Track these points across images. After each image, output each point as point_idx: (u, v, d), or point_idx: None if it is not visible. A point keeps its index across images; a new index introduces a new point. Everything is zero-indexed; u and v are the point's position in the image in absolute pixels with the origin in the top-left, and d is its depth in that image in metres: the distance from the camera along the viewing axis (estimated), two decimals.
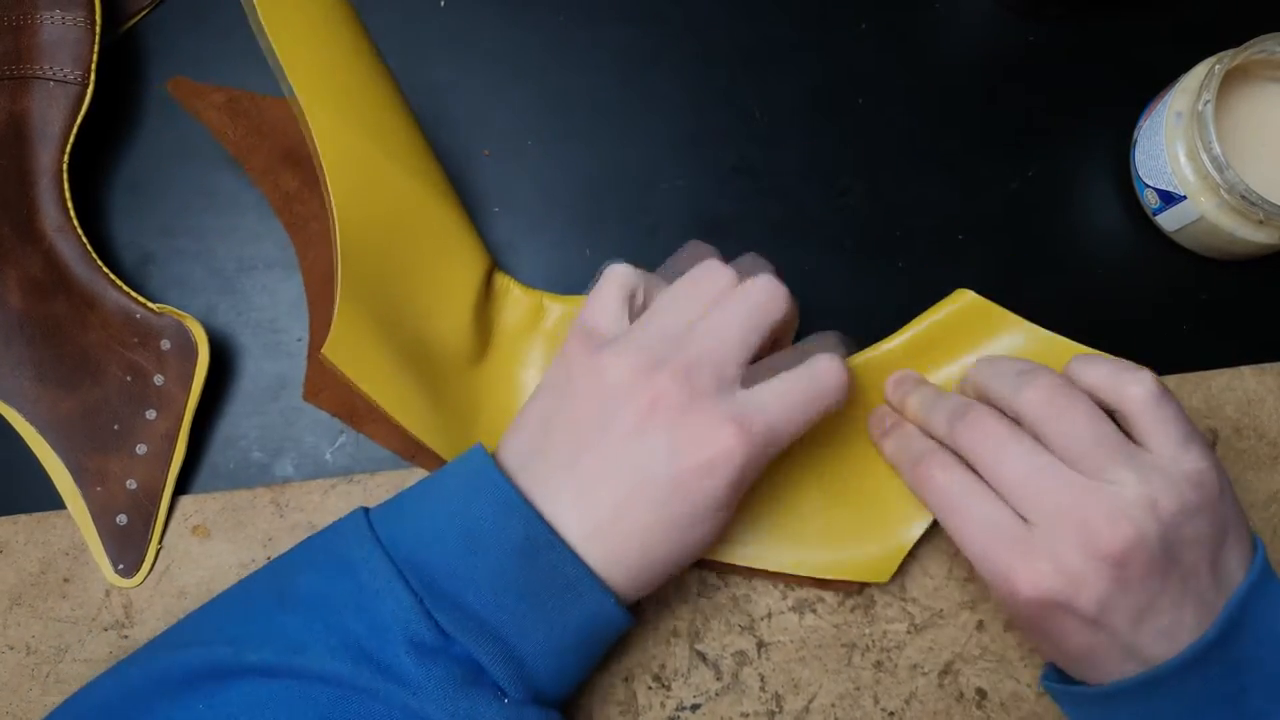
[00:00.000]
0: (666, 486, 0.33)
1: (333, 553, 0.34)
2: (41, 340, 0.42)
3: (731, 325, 0.35)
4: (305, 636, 0.32)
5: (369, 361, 0.37)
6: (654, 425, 0.33)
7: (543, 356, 0.43)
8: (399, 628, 0.32)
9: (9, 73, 0.42)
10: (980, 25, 0.48)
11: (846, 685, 0.42)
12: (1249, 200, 0.40)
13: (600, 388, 0.34)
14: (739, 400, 0.34)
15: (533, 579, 0.33)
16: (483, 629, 0.32)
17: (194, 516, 0.43)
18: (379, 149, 0.37)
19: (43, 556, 0.42)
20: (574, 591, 0.33)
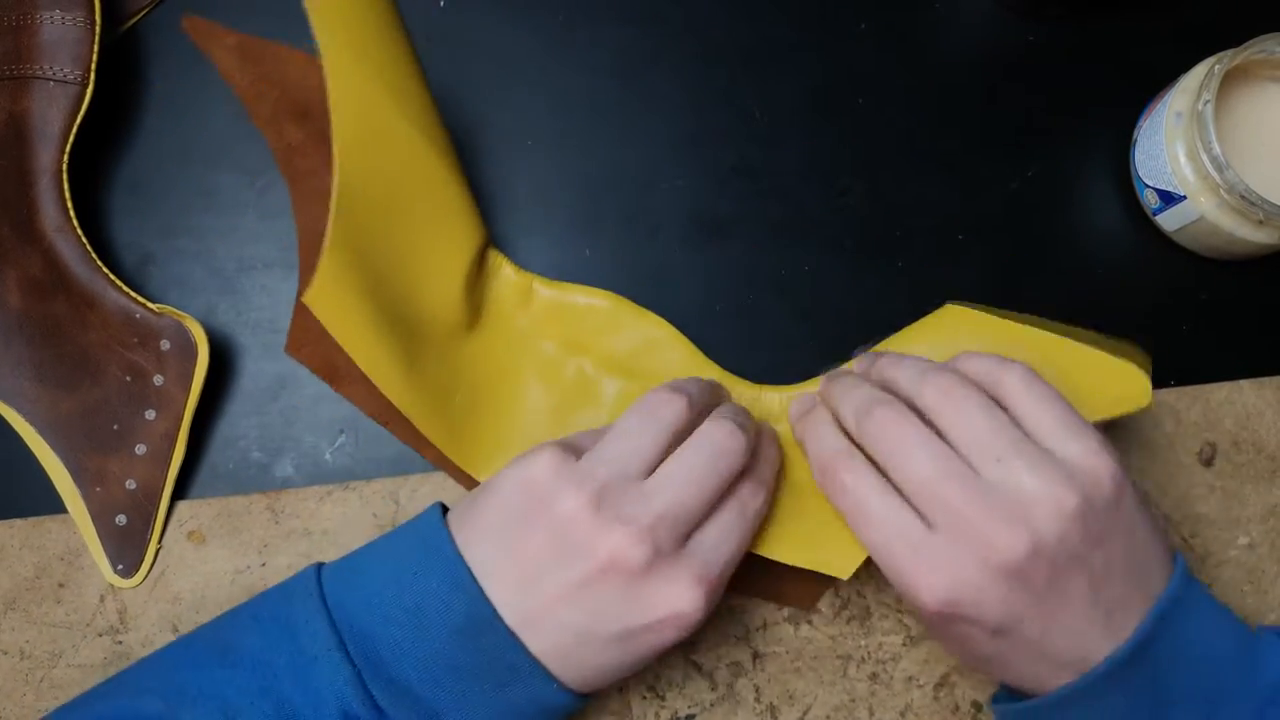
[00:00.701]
0: (616, 637, 0.33)
1: (278, 612, 0.34)
2: (41, 340, 0.42)
3: (694, 479, 0.34)
4: (241, 701, 0.32)
5: (349, 315, 0.37)
6: (610, 586, 0.32)
7: (528, 338, 0.42)
8: (334, 700, 0.31)
9: (9, 73, 0.42)
10: (980, 25, 0.48)
11: (842, 697, 0.42)
12: (1249, 200, 0.40)
13: (555, 521, 0.33)
14: (693, 554, 0.33)
15: (475, 660, 0.32)
16: (419, 706, 0.32)
17: (190, 522, 0.43)
18: (392, 101, 0.37)
19: (38, 561, 0.42)
20: (515, 675, 0.32)
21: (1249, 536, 0.43)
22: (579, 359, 0.43)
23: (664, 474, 0.34)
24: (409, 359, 0.39)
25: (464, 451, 0.42)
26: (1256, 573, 0.43)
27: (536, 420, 0.42)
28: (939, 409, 0.34)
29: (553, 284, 0.43)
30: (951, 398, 0.34)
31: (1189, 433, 0.44)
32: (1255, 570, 0.43)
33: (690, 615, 0.33)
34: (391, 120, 0.37)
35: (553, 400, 0.42)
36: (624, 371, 0.43)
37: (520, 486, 0.34)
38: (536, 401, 0.42)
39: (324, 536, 0.43)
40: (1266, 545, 0.43)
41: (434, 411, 0.40)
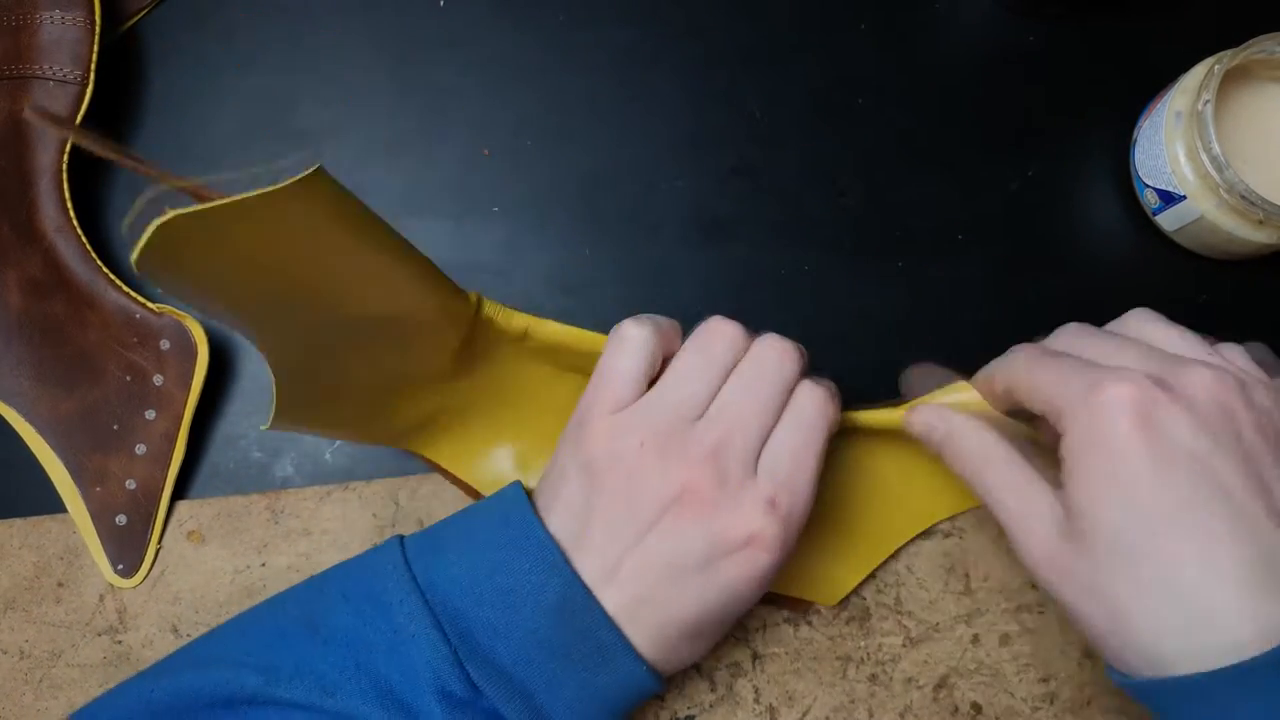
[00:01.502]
0: (702, 577, 0.33)
1: (369, 588, 0.34)
2: (41, 340, 0.42)
3: (750, 398, 0.34)
4: (337, 677, 0.32)
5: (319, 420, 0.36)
6: (685, 519, 0.33)
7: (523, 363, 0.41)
8: (430, 676, 0.32)
9: (9, 73, 0.42)
10: (980, 25, 0.48)
11: (841, 698, 0.42)
12: (1249, 200, 0.40)
13: (622, 470, 0.33)
14: (761, 480, 0.33)
15: (567, 640, 0.32)
16: (512, 685, 0.32)
17: (189, 522, 0.43)
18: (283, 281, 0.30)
19: (37, 560, 0.42)
20: (606, 656, 0.33)
21: None
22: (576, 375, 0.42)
23: (720, 402, 0.34)
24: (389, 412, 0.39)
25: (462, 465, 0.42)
26: None
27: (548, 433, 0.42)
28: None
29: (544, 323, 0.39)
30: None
31: None
32: None
33: (764, 533, 0.33)
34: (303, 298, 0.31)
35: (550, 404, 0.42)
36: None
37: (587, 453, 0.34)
38: (531, 407, 0.42)
39: (324, 537, 0.43)
40: None
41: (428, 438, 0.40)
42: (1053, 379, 0.32)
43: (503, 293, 0.41)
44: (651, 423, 0.34)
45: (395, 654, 0.32)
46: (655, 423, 0.34)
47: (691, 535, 0.33)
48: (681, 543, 0.33)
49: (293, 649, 0.33)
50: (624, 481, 0.33)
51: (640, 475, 0.33)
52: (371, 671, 0.32)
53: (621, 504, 0.33)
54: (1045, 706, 0.42)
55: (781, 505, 0.33)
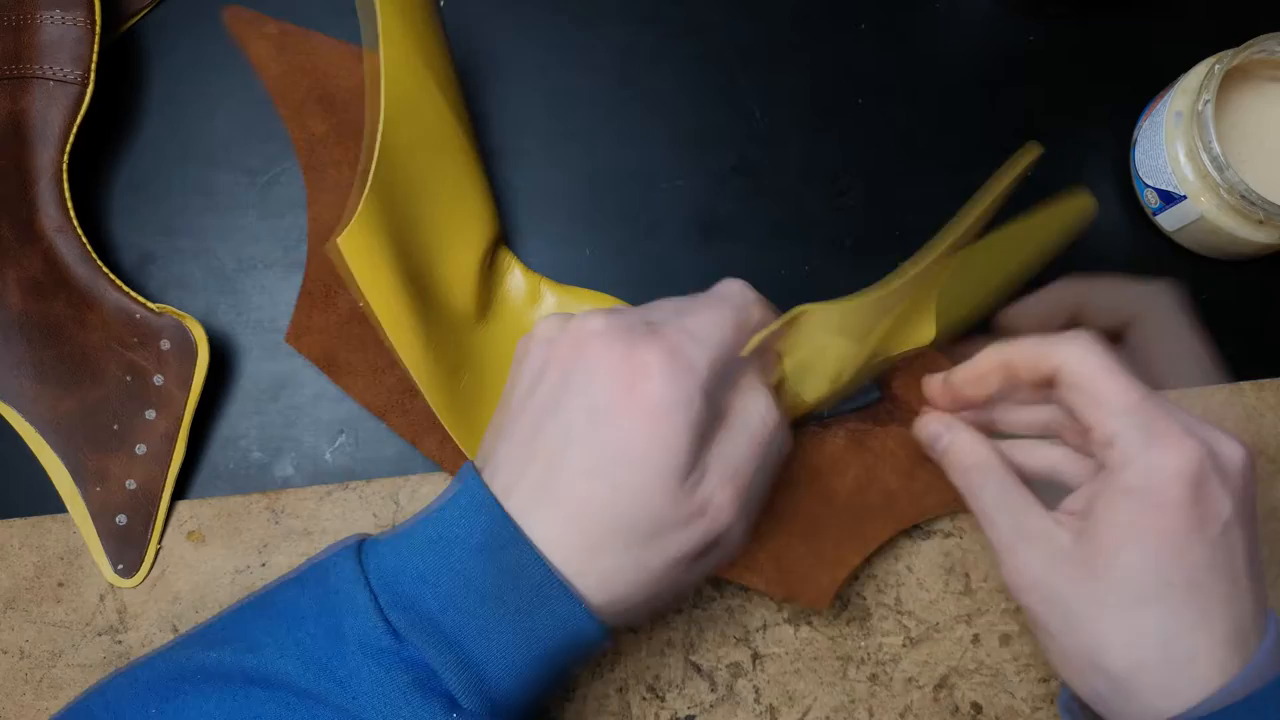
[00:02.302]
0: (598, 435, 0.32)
1: (316, 565, 0.34)
2: (41, 340, 0.42)
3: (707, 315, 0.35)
4: (264, 638, 0.32)
5: (378, 265, 0.37)
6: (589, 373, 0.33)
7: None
8: (353, 630, 0.31)
9: (9, 73, 0.42)
10: (980, 25, 0.48)
11: (841, 698, 0.42)
12: (1249, 200, 0.40)
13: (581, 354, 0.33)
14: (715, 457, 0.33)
15: (497, 581, 0.31)
16: (438, 632, 0.31)
17: (189, 522, 0.43)
18: (436, 86, 0.38)
19: (37, 560, 0.42)
20: (541, 596, 0.31)
21: None
22: None
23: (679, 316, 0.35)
24: (425, 329, 0.39)
25: (466, 432, 0.41)
26: None
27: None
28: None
29: (558, 287, 0.44)
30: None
31: None
32: None
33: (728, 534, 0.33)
34: (435, 103, 0.38)
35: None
36: None
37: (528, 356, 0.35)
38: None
39: (324, 537, 0.43)
40: (1266, 547, 0.43)
41: (442, 385, 0.40)
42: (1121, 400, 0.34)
43: None
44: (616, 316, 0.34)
45: (323, 613, 0.32)
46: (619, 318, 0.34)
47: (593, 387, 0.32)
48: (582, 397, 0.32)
49: (235, 621, 0.33)
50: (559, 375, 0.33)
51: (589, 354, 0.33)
52: (298, 630, 0.32)
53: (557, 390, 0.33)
54: (1045, 706, 0.42)
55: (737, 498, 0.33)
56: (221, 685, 0.31)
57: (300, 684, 0.31)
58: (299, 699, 0.30)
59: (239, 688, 0.31)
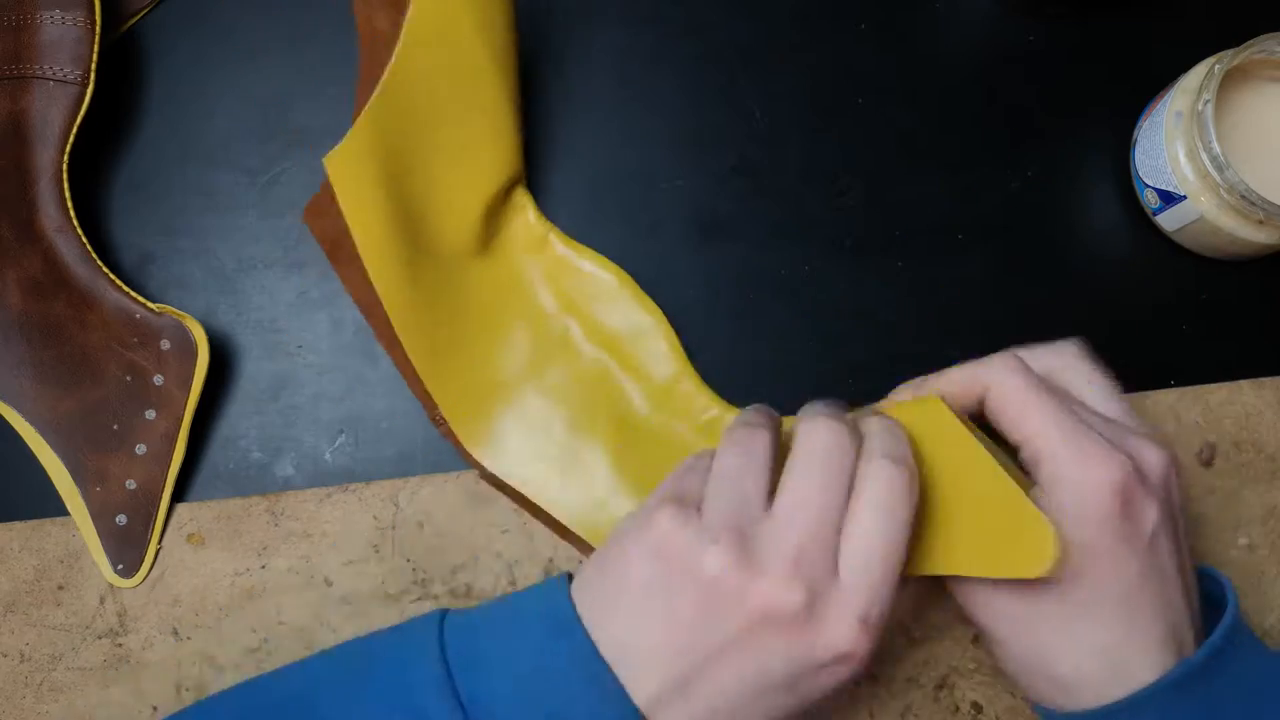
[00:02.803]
0: (785, 694, 0.31)
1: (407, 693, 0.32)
2: (41, 340, 0.42)
3: (813, 490, 0.31)
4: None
5: (363, 190, 0.37)
6: (769, 638, 0.30)
7: (528, 284, 0.43)
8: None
9: (9, 73, 0.42)
10: (980, 25, 0.48)
11: (841, 697, 0.42)
12: (1249, 200, 0.40)
13: (702, 581, 0.31)
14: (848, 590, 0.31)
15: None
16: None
17: (189, 524, 0.43)
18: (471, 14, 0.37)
19: (37, 564, 0.42)
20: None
21: (1248, 537, 0.43)
22: (569, 319, 0.43)
23: (785, 501, 0.32)
24: (406, 256, 0.39)
25: (431, 367, 0.41)
26: (1256, 574, 0.43)
27: (511, 362, 0.43)
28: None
29: (568, 242, 0.44)
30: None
31: (1189, 433, 0.44)
32: (1255, 571, 0.43)
33: (856, 653, 0.31)
34: (468, 33, 0.37)
35: (531, 349, 0.43)
36: (607, 345, 0.43)
37: (652, 552, 0.31)
38: (517, 345, 0.43)
39: (323, 539, 0.43)
40: (1266, 546, 0.43)
41: (415, 316, 0.40)
42: (1042, 423, 0.34)
43: None
44: (725, 526, 0.31)
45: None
46: (728, 525, 0.31)
47: (777, 656, 0.31)
48: (766, 663, 0.31)
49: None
50: (703, 591, 0.31)
51: (720, 587, 0.30)
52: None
53: (699, 616, 0.31)
54: None
55: (873, 620, 0.31)
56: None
57: None
58: None
59: None
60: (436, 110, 0.38)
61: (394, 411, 0.44)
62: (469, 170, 0.40)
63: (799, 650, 0.31)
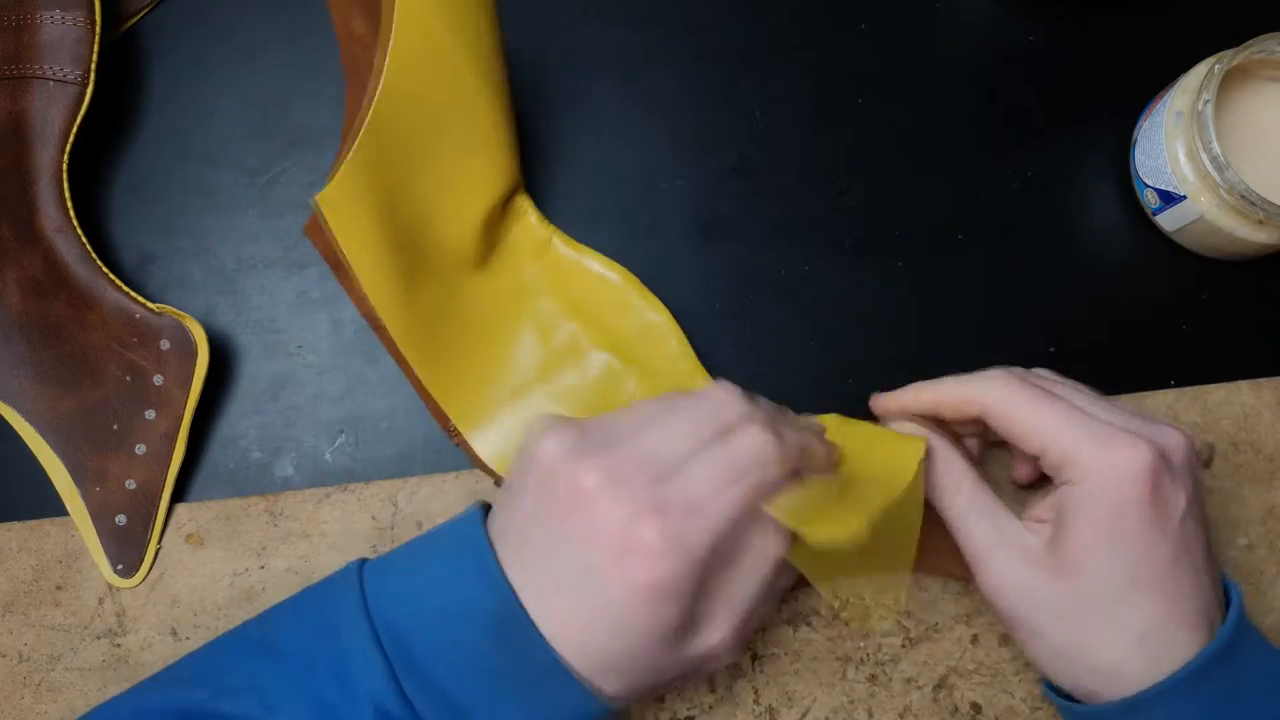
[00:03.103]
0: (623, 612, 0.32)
1: (322, 608, 0.34)
2: (41, 340, 0.42)
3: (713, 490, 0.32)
4: (280, 693, 0.32)
5: (356, 224, 0.37)
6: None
7: (532, 290, 0.43)
8: (368, 696, 0.31)
9: (9, 73, 0.42)
10: (980, 25, 0.48)
11: (840, 699, 0.42)
12: (1249, 200, 0.40)
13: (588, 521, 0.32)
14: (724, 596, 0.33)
15: (506, 660, 0.32)
16: (450, 705, 0.32)
17: (188, 525, 0.43)
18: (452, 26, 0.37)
19: (36, 564, 0.42)
20: (547, 679, 0.32)
21: (1247, 538, 0.43)
22: (574, 324, 0.43)
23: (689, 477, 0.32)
24: (406, 276, 0.39)
25: (440, 381, 0.41)
26: (1255, 574, 0.43)
27: (519, 371, 0.43)
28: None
29: (572, 244, 0.43)
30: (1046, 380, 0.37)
31: None
32: (1254, 571, 0.43)
33: (724, 658, 0.33)
34: (448, 44, 0.37)
35: (539, 356, 0.43)
36: (615, 348, 0.43)
37: (543, 473, 0.33)
38: (524, 353, 0.43)
39: (322, 539, 0.43)
40: (1265, 546, 0.43)
41: (419, 334, 0.40)
42: (1057, 424, 0.35)
43: None
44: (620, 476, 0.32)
45: (338, 675, 0.32)
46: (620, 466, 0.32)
47: (588, 549, 0.32)
48: (579, 553, 0.32)
49: (244, 667, 0.33)
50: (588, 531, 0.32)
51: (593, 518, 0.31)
52: (313, 691, 0.32)
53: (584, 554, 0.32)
54: (1045, 706, 0.42)
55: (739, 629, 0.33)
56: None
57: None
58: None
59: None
60: (427, 130, 0.38)
61: (394, 411, 0.44)
62: (465, 185, 0.40)
63: (611, 549, 0.31)
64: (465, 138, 0.39)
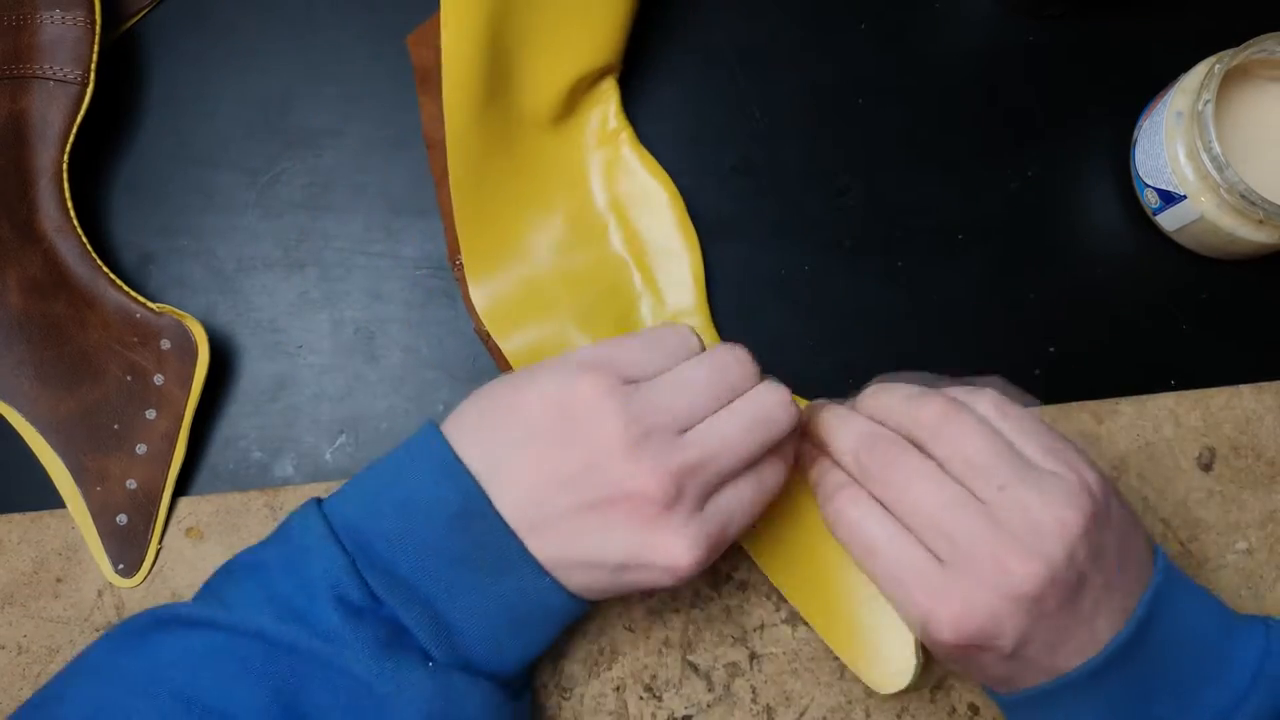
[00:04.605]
0: (612, 567, 0.34)
1: (280, 526, 0.35)
2: (41, 340, 0.42)
3: (741, 439, 0.34)
4: (236, 594, 0.33)
5: (468, 29, 0.39)
6: (620, 515, 0.33)
7: (585, 172, 0.44)
8: (327, 586, 0.32)
9: (9, 73, 0.42)
10: (980, 25, 0.48)
11: (838, 698, 0.42)
12: (1249, 200, 0.40)
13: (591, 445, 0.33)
14: (708, 516, 0.34)
15: (465, 548, 0.33)
16: (411, 592, 0.33)
17: (188, 519, 0.43)
18: None
19: (36, 556, 0.42)
20: (507, 565, 0.33)
21: (1247, 541, 0.43)
22: (611, 216, 0.44)
23: (708, 429, 0.34)
24: (484, 101, 0.40)
25: (470, 217, 0.42)
26: (1255, 577, 0.43)
27: (542, 238, 0.44)
28: (937, 432, 0.35)
29: (638, 146, 0.45)
30: (949, 419, 0.35)
31: (1188, 437, 0.44)
32: (1253, 575, 0.43)
33: (684, 570, 0.33)
34: None
35: (566, 232, 0.44)
36: (636, 254, 0.44)
37: (559, 403, 0.34)
38: (553, 223, 0.44)
39: None
40: (1265, 550, 0.43)
41: (472, 166, 0.41)
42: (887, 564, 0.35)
43: None
44: (643, 418, 0.33)
45: (293, 569, 0.33)
46: (646, 419, 0.33)
47: (617, 534, 0.33)
48: (606, 537, 0.33)
49: (210, 584, 0.35)
50: (587, 452, 0.33)
51: (603, 457, 0.33)
52: (269, 587, 0.33)
53: (573, 471, 0.33)
54: None
55: (709, 547, 0.34)
56: (194, 627, 0.33)
57: (280, 637, 0.32)
58: (282, 650, 0.32)
59: (219, 634, 0.32)
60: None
61: (394, 411, 0.44)
62: (564, 44, 0.41)
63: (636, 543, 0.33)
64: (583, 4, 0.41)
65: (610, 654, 0.42)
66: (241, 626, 0.32)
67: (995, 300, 0.45)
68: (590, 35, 0.42)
